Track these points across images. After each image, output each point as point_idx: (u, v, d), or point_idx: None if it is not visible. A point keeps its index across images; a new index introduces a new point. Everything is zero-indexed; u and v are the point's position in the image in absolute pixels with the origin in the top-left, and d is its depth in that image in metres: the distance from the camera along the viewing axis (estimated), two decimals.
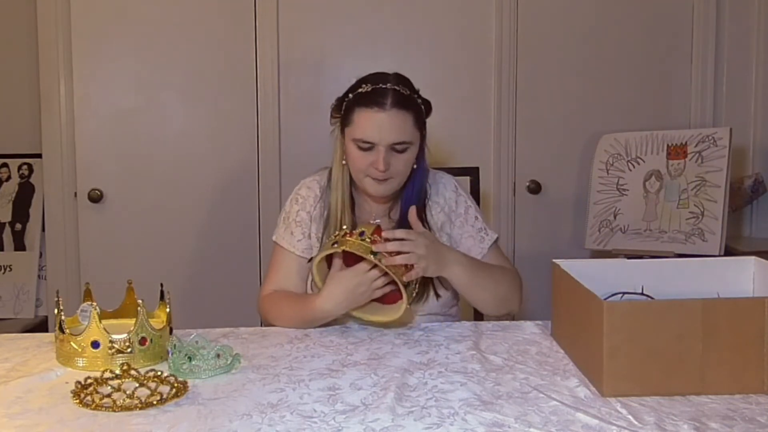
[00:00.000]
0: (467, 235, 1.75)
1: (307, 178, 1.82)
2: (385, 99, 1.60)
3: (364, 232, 1.47)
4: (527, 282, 2.80)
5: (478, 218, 1.78)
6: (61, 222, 2.82)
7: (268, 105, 2.79)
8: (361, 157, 1.63)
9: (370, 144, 1.61)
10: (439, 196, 1.77)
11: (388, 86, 1.61)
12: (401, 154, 1.63)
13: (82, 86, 2.78)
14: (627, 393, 1.20)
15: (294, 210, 1.77)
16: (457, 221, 1.76)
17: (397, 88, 1.61)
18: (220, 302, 2.85)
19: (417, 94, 1.66)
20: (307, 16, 2.79)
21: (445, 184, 1.79)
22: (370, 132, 1.60)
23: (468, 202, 1.79)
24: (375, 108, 1.60)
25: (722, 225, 2.44)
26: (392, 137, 1.60)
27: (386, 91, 1.61)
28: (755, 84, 2.87)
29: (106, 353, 1.34)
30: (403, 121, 1.60)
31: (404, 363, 1.38)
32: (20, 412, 1.16)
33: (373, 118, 1.60)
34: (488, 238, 1.76)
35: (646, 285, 1.47)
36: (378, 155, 1.60)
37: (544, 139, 2.85)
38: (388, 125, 1.60)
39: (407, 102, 1.62)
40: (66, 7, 2.74)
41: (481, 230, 1.76)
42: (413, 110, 1.63)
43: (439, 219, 1.75)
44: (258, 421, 1.12)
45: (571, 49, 2.83)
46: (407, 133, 1.62)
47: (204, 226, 2.85)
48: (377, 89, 1.61)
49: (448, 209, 1.77)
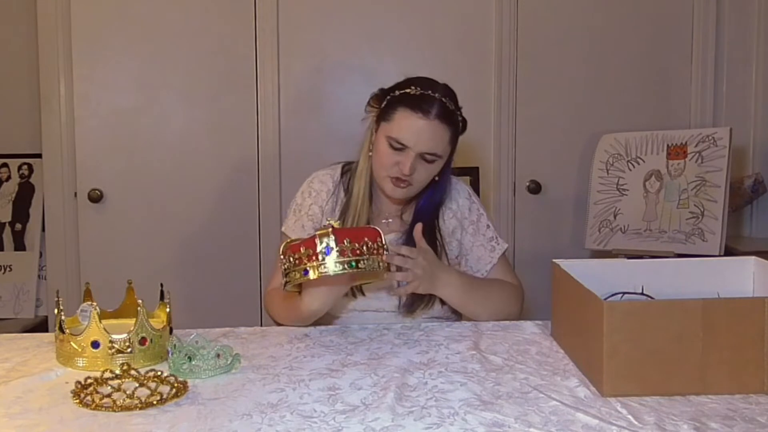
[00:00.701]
0: (478, 244, 1.76)
1: (320, 171, 1.82)
2: (431, 107, 1.60)
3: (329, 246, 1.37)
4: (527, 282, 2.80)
5: (490, 227, 1.79)
6: (61, 222, 2.82)
7: (268, 105, 2.79)
8: (389, 155, 1.63)
9: (403, 146, 1.61)
10: (452, 202, 1.78)
11: (437, 96, 1.61)
12: (428, 164, 1.64)
13: (82, 86, 2.78)
14: (627, 393, 1.20)
15: (307, 203, 1.77)
16: (469, 228, 1.77)
17: (444, 101, 1.62)
18: (220, 302, 2.85)
19: (459, 111, 1.67)
20: (307, 16, 2.79)
21: (459, 191, 1.80)
22: (407, 134, 1.60)
23: (480, 210, 1.80)
24: (419, 113, 1.60)
25: (722, 225, 2.44)
26: (427, 146, 1.61)
27: (434, 100, 1.61)
28: (755, 84, 2.87)
29: (106, 353, 1.34)
30: (442, 133, 1.61)
31: (404, 363, 1.38)
32: (20, 412, 1.16)
33: (415, 123, 1.60)
34: (499, 248, 1.77)
35: (646, 285, 1.47)
36: (407, 158, 1.61)
37: (544, 139, 2.86)
38: (427, 134, 1.60)
39: (450, 116, 1.62)
40: (66, 7, 2.74)
41: (492, 239, 1.78)
42: (453, 126, 1.64)
43: (450, 224, 1.76)
44: (258, 421, 1.12)
45: (571, 49, 2.84)
46: (441, 146, 1.63)
47: (204, 225, 2.85)
48: (425, 95, 1.61)
49: (461, 215, 1.77)
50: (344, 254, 1.36)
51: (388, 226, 1.75)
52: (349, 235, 1.39)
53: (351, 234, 1.40)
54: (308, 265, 1.37)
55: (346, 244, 1.37)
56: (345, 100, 2.79)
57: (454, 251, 1.75)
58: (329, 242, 1.36)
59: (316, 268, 1.36)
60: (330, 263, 1.36)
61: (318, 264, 1.36)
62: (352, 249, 1.37)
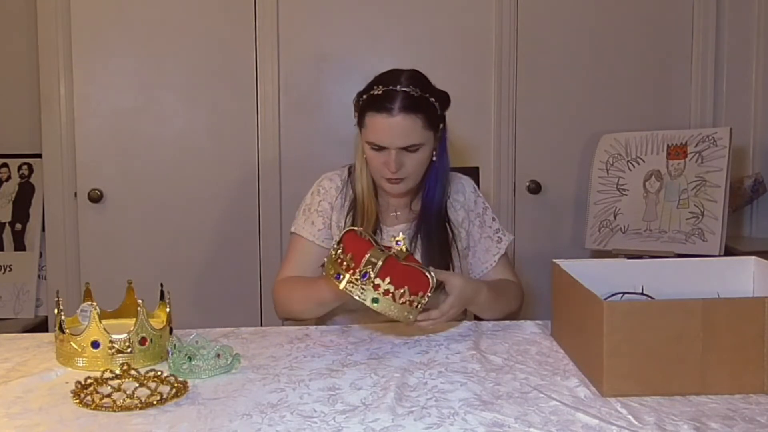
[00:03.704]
0: (485, 236, 1.80)
1: (329, 173, 1.85)
2: (393, 104, 1.60)
3: (368, 273, 1.33)
4: (527, 282, 2.80)
5: (495, 219, 1.84)
6: (61, 222, 2.82)
7: (268, 105, 2.79)
8: (375, 158, 1.66)
9: (381, 147, 1.63)
10: (459, 194, 1.81)
11: (398, 89, 1.61)
12: (414, 153, 1.65)
13: (82, 86, 2.78)
14: (627, 393, 1.20)
15: (316, 201, 1.79)
16: (476, 221, 1.81)
17: (408, 90, 1.61)
18: (220, 302, 2.85)
19: (430, 92, 1.65)
20: (307, 15, 2.79)
21: (465, 184, 1.84)
22: (379, 136, 1.62)
23: (485, 204, 1.85)
24: (384, 113, 1.61)
25: (722, 225, 2.44)
26: (402, 141, 1.62)
27: (395, 95, 1.60)
28: (755, 84, 2.87)
29: (106, 353, 1.34)
30: (411, 125, 1.61)
31: (404, 363, 1.38)
32: (20, 412, 1.16)
33: (382, 123, 1.61)
34: (505, 239, 1.81)
35: (646, 285, 1.47)
36: (389, 157, 1.63)
37: (544, 139, 2.85)
38: (397, 130, 1.61)
39: (416, 105, 1.61)
40: (66, 7, 2.73)
41: (498, 231, 1.82)
42: (423, 112, 1.62)
43: (459, 215, 1.79)
44: (258, 421, 1.12)
45: (571, 49, 2.83)
46: (416, 136, 1.62)
47: (204, 225, 2.85)
48: (387, 92, 1.61)
49: (468, 207, 1.81)
50: (376, 289, 1.33)
51: (397, 218, 1.78)
52: (394, 274, 1.34)
53: (398, 273, 1.34)
54: (343, 273, 1.35)
55: (383, 282, 1.32)
56: (345, 100, 2.75)
57: (463, 242, 1.77)
58: (371, 269, 1.33)
59: (347, 282, 1.34)
60: (358, 288, 1.33)
61: (350, 279, 1.33)
62: (386, 290, 1.33)
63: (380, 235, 1.73)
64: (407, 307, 1.36)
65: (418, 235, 1.72)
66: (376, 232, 1.73)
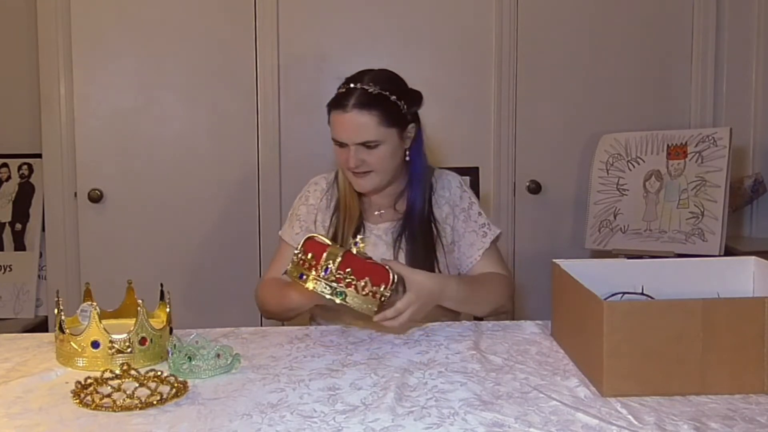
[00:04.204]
0: (470, 230, 1.79)
1: (317, 176, 1.88)
2: (347, 100, 1.63)
3: (329, 267, 1.38)
4: (527, 282, 2.80)
5: (482, 214, 1.82)
6: (61, 222, 2.82)
7: (268, 105, 2.79)
8: (339, 154, 1.69)
9: (341, 143, 1.67)
10: (445, 190, 1.81)
11: (357, 86, 1.64)
12: (374, 150, 1.66)
13: (82, 86, 2.78)
14: (627, 393, 1.20)
15: (296, 205, 1.85)
16: (461, 216, 1.79)
17: (366, 88, 1.63)
18: (220, 302, 2.85)
19: (392, 90, 1.66)
20: (307, 15, 2.79)
21: (450, 180, 1.83)
22: (338, 132, 1.66)
23: (472, 199, 1.83)
24: (340, 110, 1.64)
25: (722, 225, 2.44)
26: (357, 137, 1.64)
27: (351, 92, 1.64)
28: (755, 84, 2.87)
29: (106, 353, 1.34)
30: (365, 120, 1.63)
31: (404, 363, 1.38)
32: (20, 412, 1.16)
33: (338, 120, 1.65)
34: (491, 233, 1.79)
35: (646, 285, 1.47)
36: (348, 153, 1.66)
37: (544, 139, 2.85)
38: (351, 126, 1.63)
39: (371, 102, 1.63)
40: (66, 7, 2.74)
41: (484, 225, 1.80)
42: (378, 109, 1.63)
43: (444, 211, 1.79)
44: (258, 421, 1.12)
45: (571, 49, 2.83)
46: (371, 133, 1.64)
47: (204, 225, 2.85)
48: (347, 90, 1.65)
49: (453, 203, 1.80)
50: (339, 282, 1.39)
51: (381, 217, 1.79)
52: (354, 266, 1.39)
53: (358, 266, 1.40)
54: (306, 272, 1.40)
55: (345, 273, 1.38)
56: None
57: (448, 237, 1.77)
58: (332, 264, 1.38)
59: (311, 279, 1.39)
60: (321, 284, 1.39)
61: (314, 277, 1.39)
62: (348, 282, 1.39)
63: (364, 232, 1.75)
64: (370, 299, 1.41)
65: (403, 234, 1.73)
66: (360, 230, 1.74)
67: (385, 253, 1.71)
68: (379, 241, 1.74)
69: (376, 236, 1.75)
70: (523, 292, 2.88)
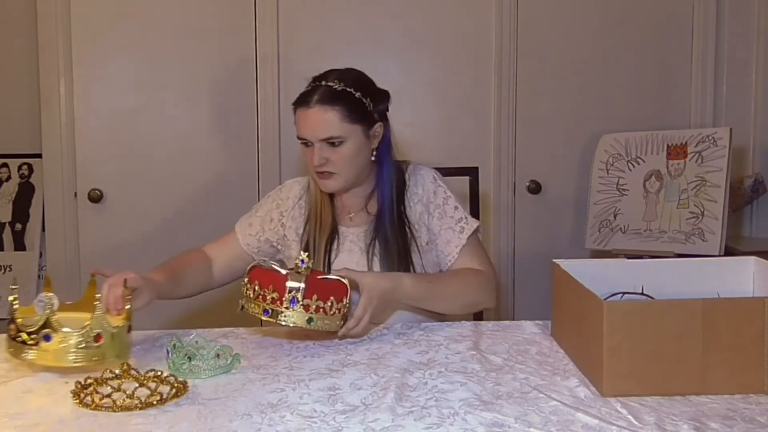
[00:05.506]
0: (446, 227, 1.72)
1: (291, 180, 1.86)
2: (311, 96, 1.63)
3: (296, 299, 1.40)
4: (527, 282, 2.80)
5: (458, 208, 1.74)
6: (61, 222, 2.82)
7: (268, 105, 2.79)
8: (305, 152, 1.69)
9: (305, 140, 1.65)
10: (418, 187, 1.75)
11: (321, 83, 1.64)
12: (338, 147, 1.64)
13: (82, 86, 2.78)
14: (627, 393, 1.20)
15: (266, 206, 1.83)
16: (435, 212, 1.73)
17: (331, 85, 1.63)
18: (220, 302, 2.85)
19: (357, 88, 1.64)
20: (307, 15, 2.79)
21: (424, 176, 1.76)
22: (301, 129, 1.65)
23: (447, 193, 1.75)
24: (303, 106, 1.64)
25: (722, 225, 2.44)
26: (321, 132, 1.62)
27: (315, 88, 1.64)
28: (755, 84, 2.87)
29: (58, 347, 1.27)
30: (328, 116, 1.61)
31: (404, 363, 1.38)
32: (20, 412, 1.16)
33: (301, 116, 1.64)
34: (468, 228, 1.71)
35: (646, 285, 1.47)
36: (312, 150, 1.64)
37: (544, 139, 2.85)
38: (313, 121, 1.62)
39: (334, 98, 1.62)
40: (66, 7, 2.74)
41: (460, 220, 1.72)
42: (342, 105, 1.62)
43: (417, 210, 1.73)
44: (258, 421, 1.12)
45: (571, 48, 2.84)
46: (334, 129, 1.62)
47: (204, 225, 2.84)
48: (311, 87, 1.65)
49: (426, 200, 1.74)
50: (307, 310, 1.40)
51: (352, 220, 1.75)
52: (318, 290, 1.41)
53: (320, 289, 1.42)
54: (270, 308, 1.41)
55: (311, 301, 1.40)
56: None
57: (423, 238, 1.72)
58: (297, 295, 1.40)
59: (278, 314, 1.40)
60: (291, 315, 1.40)
61: (281, 311, 1.40)
62: (316, 307, 1.41)
63: (338, 238, 1.72)
64: (338, 316, 1.45)
65: (376, 239, 1.69)
66: (334, 236, 1.72)
67: (360, 258, 1.68)
68: (354, 246, 1.71)
69: (351, 242, 1.72)
70: (523, 292, 2.88)
